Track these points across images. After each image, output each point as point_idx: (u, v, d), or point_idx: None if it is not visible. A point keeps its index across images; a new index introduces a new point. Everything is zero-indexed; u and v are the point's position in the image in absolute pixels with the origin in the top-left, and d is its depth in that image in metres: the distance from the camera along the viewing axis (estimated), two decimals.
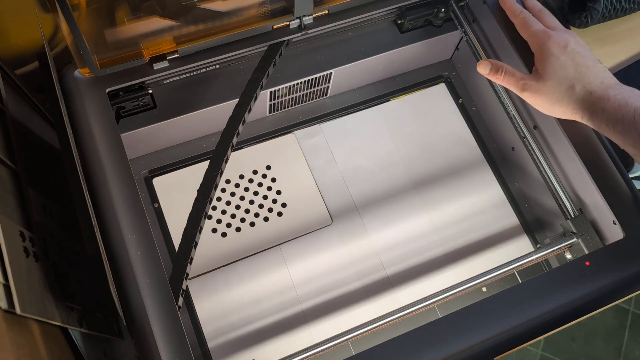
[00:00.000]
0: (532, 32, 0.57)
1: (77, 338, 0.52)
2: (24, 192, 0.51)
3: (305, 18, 0.58)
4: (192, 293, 0.61)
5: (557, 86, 0.54)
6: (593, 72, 0.54)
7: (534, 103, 0.56)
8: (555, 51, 0.55)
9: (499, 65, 0.58)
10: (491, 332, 0.50)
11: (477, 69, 0.59)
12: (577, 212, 0.59)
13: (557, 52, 0.55)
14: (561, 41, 0.55)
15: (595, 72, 0.54)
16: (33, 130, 0.61)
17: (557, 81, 0.54)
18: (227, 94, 0.62)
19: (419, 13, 0.65)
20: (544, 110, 0.56)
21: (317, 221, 0.66)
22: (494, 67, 0.58)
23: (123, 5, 0.52)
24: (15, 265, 0.42)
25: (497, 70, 0.58)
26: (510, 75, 0.57)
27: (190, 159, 0.67)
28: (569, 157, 0.58)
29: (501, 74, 0.57)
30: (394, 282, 0.63)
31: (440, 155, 0.70)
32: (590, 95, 0.53)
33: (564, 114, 0.55)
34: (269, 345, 0.60)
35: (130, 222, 0.51)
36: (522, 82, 0.56)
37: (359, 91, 0.73)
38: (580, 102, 0.53)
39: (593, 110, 0.53)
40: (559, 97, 0.54)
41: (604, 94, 0.52)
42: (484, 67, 0.58)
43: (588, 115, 0.53)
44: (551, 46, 0.55)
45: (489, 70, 0.58)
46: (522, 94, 0.57)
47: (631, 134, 0.50)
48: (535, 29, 0.57)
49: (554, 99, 0.54)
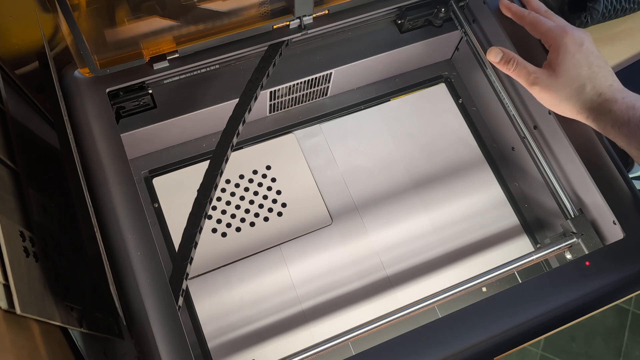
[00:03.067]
0: (547, 28, 0.56)
1: (77, 338, 0.52)
2: (24, 192, 0.51)
3: (305, 18, 0.58)
4: (192, 293, 0.61)
5: (568, 84, 0.54)
6: (604, 74, 0.54)
7: (541, 98, 0.56)
8: (572, 48, 0.54)
9: (510, 55, 0.57)
10: (491, 332, 0.50)
11: (487, 56, 0.58)
12: (577, 212, 0.59)
13: (574, 49, 0.54)
14: (577, 38, 0.55)
15: (605, 74, 0.54)
16: (33, 130, 0.61)
17: (570, 79, 0.54)
18: (227, 94, 0.62)
19: (419, 13, 0.65)
20: (550, 106, 0.56)
21: (317, 221, 0.66)
22: (506, 57, 0.57)
23: (123, 5, 0.52)
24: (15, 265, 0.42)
25: (508, 60, 0.56)
26: (522, 67, 0.56)
27: (190, 159, 0.67)
28: (569, 157, 0.58)
29: (512, 65, 0.56)
30: (394, 282, 0.63)
31: (440, 155, 0.70)
32: (599, 97, 0.53)
33: (569, 113, 0.55)
34: (269, 345, 0.60)
35: (130, 222, 0.51)
36: (534, 75, 0.55)
37: (359, 91, 0.73)
38: (588, 103, 0.53)
39: (600, 111, 0.52)
40: (569, 95, 0.54)
41: (613, 96, 0.52)
42: (495, 55, 0.57)
43: (594, 116, 0.53)
44: (568, 42, 0.54)
45: (499, 59, 0.57)
46: (532, 87, 0.56)
47: (636, 136, 0.50)
48: (549, 26, 0.56)
49: (563, 96, 0.54)
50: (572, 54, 0.54)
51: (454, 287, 0.55)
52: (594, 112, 0.53)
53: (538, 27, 0.57)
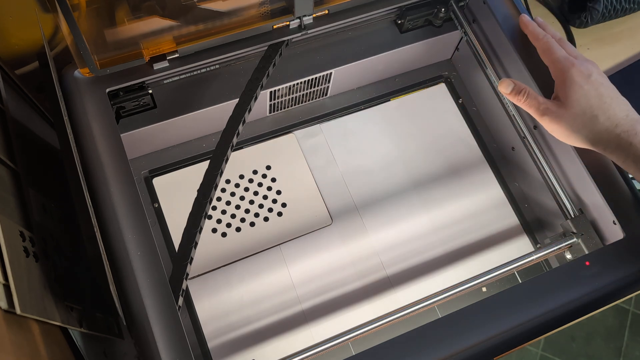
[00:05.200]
0: (555, 57, 0.56)
1: (77, 338, 0.52)
2: (24, 192, 0.51)
3: (305, 18, 0.58)
4: (192, 293, 0.61)
5: (579, 115, 0.53)
6: (617, 104, 0.53)
7: (552, 130, 0.55)
8: (578, 79, 0.54)
9: (521, 87, 0.56)
10: (491, 332, 0.50)
11: (498, 87, 0.58)
12: (577, 212, 0.59)
13: (581, 80, 0.54)
14: (584, 70, 0.54)
15: (619, 104, 0.53)
16: (33, 130, 0.61)
17: (580, 109, 0.53)
18: (227, 94, 0.62)
19: (419, 13, 0.65)
20: (563, 138, 0.55)
21: (317, 221, 0.66)
22: (517, 88, 0.56)
23: (123, 5, 0.52)
24: (15, 265, 0.42)
25: (519, 91, 0.56)
26: (532, 98, 0.56)
27: (190, 159, 0.67)
28: (569, 157, 0.58)
29: (523, 96, 0.56)
30: (394, 282, 0.63)
31: (440, 155, 0.70)
32: (615, 128, 0.52)
33: (584, 143, 0.54)
34: (269, 345, 0.60)
35: (130, 222, 0.51)
36: (544, 106, 0.55)
37: (359, 91, 0.73)
38: (603, 133, 0.52)
39: (618, 143, 0.52)
40: (581, 126, 0.53)
41: (632, 128, 0.52)
42: (506, 87, 0.57)
43: (612, 148, 0.52)
44: (574, 74, 0.54)
45: (510, 90, 0.57)
46: (542, 118, 0.55)
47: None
48: (559, 55, 0.56)
49: (575, 127, 0.53)
50: (579, 84, 0.53)
51: (454, 287, 0.55)
52: (612, 145, 0.52)
53: (548, 53, 0.57)
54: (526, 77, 0.60)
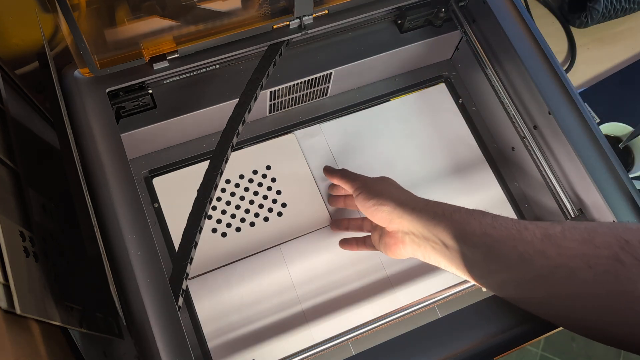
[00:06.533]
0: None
1: (77, 338, 0.52)
2: (24, 192, 0.51)
3: (305, 18, 0.58)
4: (192, 293, 0.61)
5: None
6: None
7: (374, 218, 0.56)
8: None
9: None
10: (491, 332, 0.50)
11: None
12: (577, 212, 0.59)
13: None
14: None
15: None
16: (33, 130, 0.61)
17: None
18: (227, 94, 0.62)
19: (419, 13, 0.65)
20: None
21: (317, 221, 0.66)
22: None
23: (123, 5, 0.52)
24: (15, 265, 0.43)
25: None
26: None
27: (190, 159, 0.67)
28: (569, 157, 0.58)
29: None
30: (394, 282, 0.63)
31: (440, 155, 0.70)
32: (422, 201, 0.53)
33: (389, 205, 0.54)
34: (269, 345, 0.60)
35: (130, 222, 0.51)
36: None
37: (359, 91, 0.73)
38: (409, 198, 0.54)
39: (426, 204, 0.52)
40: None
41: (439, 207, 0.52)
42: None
43: (420, 206, 0.51)
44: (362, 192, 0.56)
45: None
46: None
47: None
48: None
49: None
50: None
51: (454, 287, 0.55)
52: (420, 204, 0.51)
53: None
54: (526, 77, 0.60)
